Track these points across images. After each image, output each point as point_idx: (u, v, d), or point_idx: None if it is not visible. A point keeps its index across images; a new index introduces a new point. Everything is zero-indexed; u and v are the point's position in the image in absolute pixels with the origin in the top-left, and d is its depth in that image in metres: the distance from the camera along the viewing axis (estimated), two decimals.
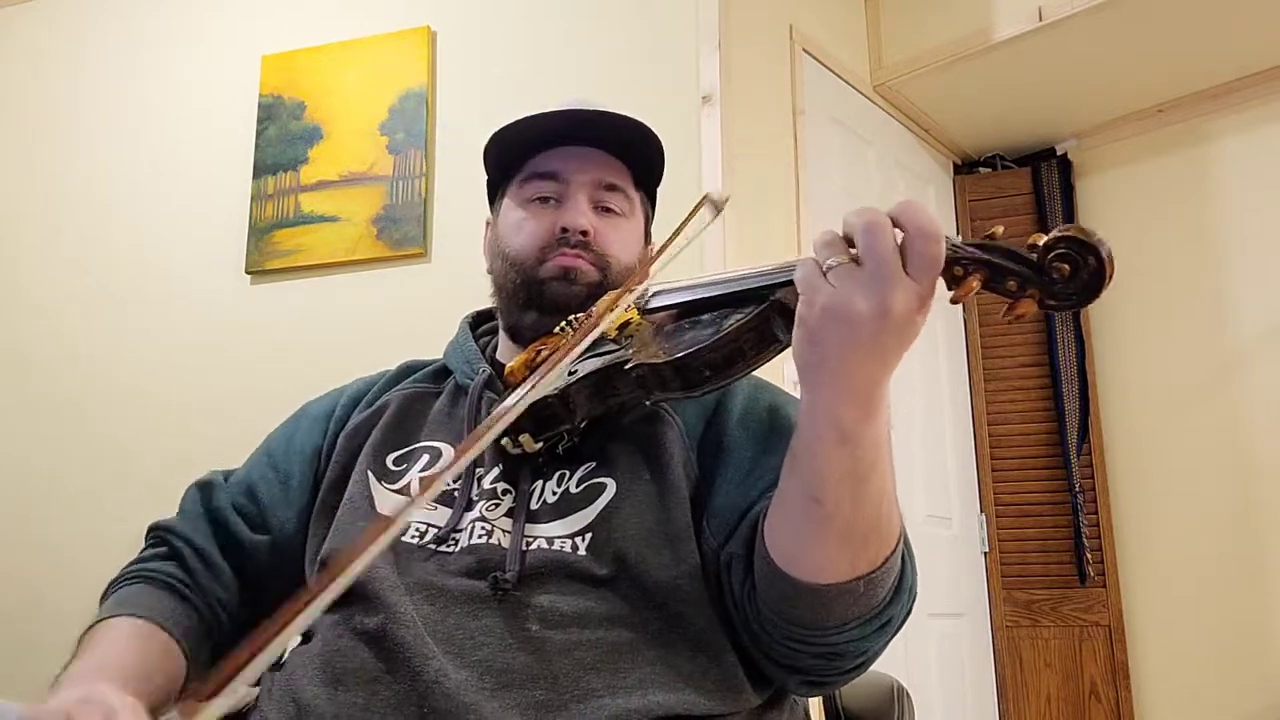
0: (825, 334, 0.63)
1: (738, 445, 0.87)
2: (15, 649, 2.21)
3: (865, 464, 0.68)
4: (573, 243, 0.94)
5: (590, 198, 0.97)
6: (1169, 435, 2.70)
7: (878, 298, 0.61)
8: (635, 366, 0.79)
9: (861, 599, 0.72)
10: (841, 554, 0.70)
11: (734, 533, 0.81)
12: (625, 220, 0.99)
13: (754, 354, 0.75)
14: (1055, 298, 0.61)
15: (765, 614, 0.76)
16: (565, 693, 0.73)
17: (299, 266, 2.20)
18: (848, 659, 0.76)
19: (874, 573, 0.71)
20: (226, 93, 2.38)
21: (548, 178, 0.97)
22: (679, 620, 0.79)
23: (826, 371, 0.65)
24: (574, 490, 0.86)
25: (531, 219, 0.97)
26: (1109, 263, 0.59)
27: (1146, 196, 2.85)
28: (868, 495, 0.69)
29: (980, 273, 0.63)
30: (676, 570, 0.80)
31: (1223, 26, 2.48)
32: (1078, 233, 0.60)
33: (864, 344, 0.63)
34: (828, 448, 0.67)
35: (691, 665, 0.78)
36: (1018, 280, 0.62)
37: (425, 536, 0.85)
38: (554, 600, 0.78)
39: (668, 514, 0.83)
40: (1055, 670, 2.72)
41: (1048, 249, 0.61)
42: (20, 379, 2.40)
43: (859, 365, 0.64)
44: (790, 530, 0.72)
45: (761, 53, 2.24)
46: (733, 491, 0.84)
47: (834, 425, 0.66)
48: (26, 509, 2.30)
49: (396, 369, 1.06)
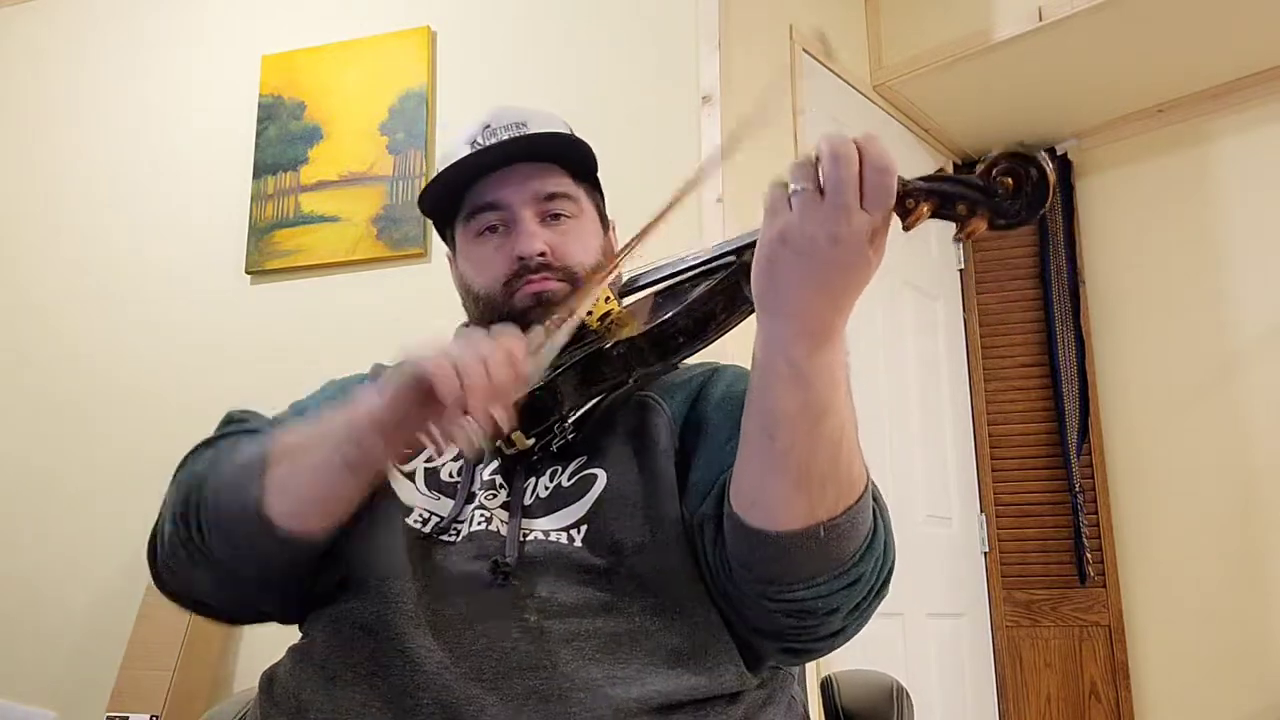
0: (778, 259, 0.65)
1: (715, 426, 0.88)
2: (15, 649, 2.21)
3: (819, 403, 0.69)
4: (534, 267, 0.93)
5: (536, 214, 0.96)
6: (1169, 435, 2.70)
7: (830, 225, 0.63)
8: (615, 345, 0.82)
9: (824, 548, 0.72)
10: (798, 497, 0.71)
11: (706, 496, 0.82)
12: (576, 222, 0.99)
13: (724, 316, 0.78)
14: (1004, 215, 0.63)
15: (735, 571, 0.77)
16: (565, 682, 0.74)
17: (299, 266, 2.20)
18: (818, 617, 0.76)
19: (834, 520, 0.71)
20: (226, 93, 2.39)
21: (488, 209, 0.97)
22: (676, 606, 0.80)
23: (779, 300, 0.67)
24: (566, 484, 0.87)
25: (488, 254, 0.97)
26: (1050, 171, 0.62)
27: (1146, 196, 2.85)
28: (822, 436, 0.69)
29: (930, 200, 0.65)
30: (669, 555, 0.81)
31: (1223, 26, 2.48)
32: (1016, 148, 0.63)
33: (815, 273, 0.64)
34: (780, 382, 0.68)
35: (689, 645, 0.78)
36: (966, 203, 0.64)
37: (427, 525, 0.86)
38: (552, 591, 0.79)
39: (658, 501, 0.84)
40: (1055, 670, 2.72)
41: (990, 166, 0.64)
42: (20, 379, 2.40)
43: (810, 296, 0.66)
44: (747, 470, 0.74)
45: (761, 53, 2.25)
46: (706, 465, 0.85)
47: (786, 359, 0.67)
48: (26, 509, 2.30)
49: (370, 370, 1.05)
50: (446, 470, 0.91)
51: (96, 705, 1.95)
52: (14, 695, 2.17)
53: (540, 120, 1.01)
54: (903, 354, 2.60)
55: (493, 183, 0.97)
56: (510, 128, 0.99)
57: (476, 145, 0.98)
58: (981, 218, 0.64)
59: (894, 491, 2.37)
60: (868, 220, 0.63)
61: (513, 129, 0.99)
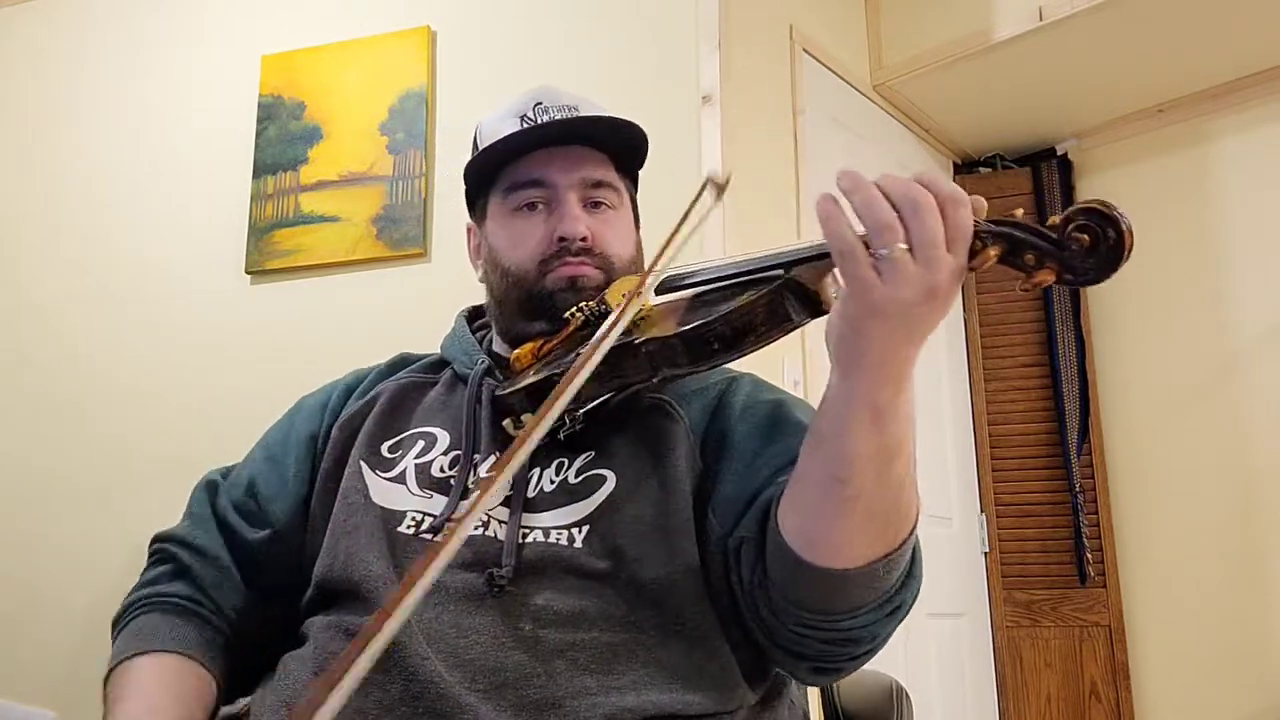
0: (871, 328, 0.62)
1: (741, 437, 0.86)
2: (15, 649, 2.21)
3: (894, 443, 0.67)
4: (574, 250, 0.92)
5: (580, 198, 0.95)
6: (1169, 435, 2.70)
7: (927, 285, 0.59)
8: (645, 341, 0.78)
9: (877, 583, 0.71)
10: (861, 535, 0.69)
11: (743, 517, 0.80)
12: (616, 213, 0.97)
13: (765, 329, 0.74)
14: (1073, 271, 0.60)
15: (776, 600, 0.75)
16: (560, 692, 0.73)
17: (299, 266, 2.20)
18: (860, 645, 0.76)
19: (890, 555, 0.70)
20: (226, 92, 2.38)
21: (533, 185, 0.95)
22: (676, 618, 0.78)
23: (869, 359, 0.64)
24: (573, 480, 0.85)
25: (526, 230, 0.95)
26: (1128, 235, 0.59)
27: (1146, 196, 2.85)
28: (892, 475, 0.68)
29: (999, 244, 0.62)
30: (673, 566, 0.79)
31: (1223, 26, 2.48)
32: (1099, 205, 0.60)
33: (907, 330, 0.62)
34: (861, 428, 0.65)
35: (687, 663, 0.77)
36: (1036, 253, 0.61)
37: (421, 526, 0.84)
38: (549, 599, 0.78)
39: (668, 509, 0.82)
40: (1055, 670, 2.72)
41: (1068, 220, 0.60)
42: (20, 379, 2.40)
43: (899, 347, 0.63)
44: (810, 513, 0.71)
45: (761, 53, 2.24)
46: (738, 479, 0.83)
47: (869, 406, 0.65)
48: (26, 509, 2.30)
49: (390, 360, 1.06)
50: (437, 465, 0.89)
51: (96, 705, 1.95)
52: (14, 695, 2.17)
53: (589, 108, 0.99)
54: None
55: (540, 159, 0.95)
56: (562, 109, 0.97)
57: (527, 120, 0.96)
58: (1049, 270, 0.61)
59: None
60: (954, 264, 0.60)
61: (565, 110, 0.97)
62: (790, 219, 2.19)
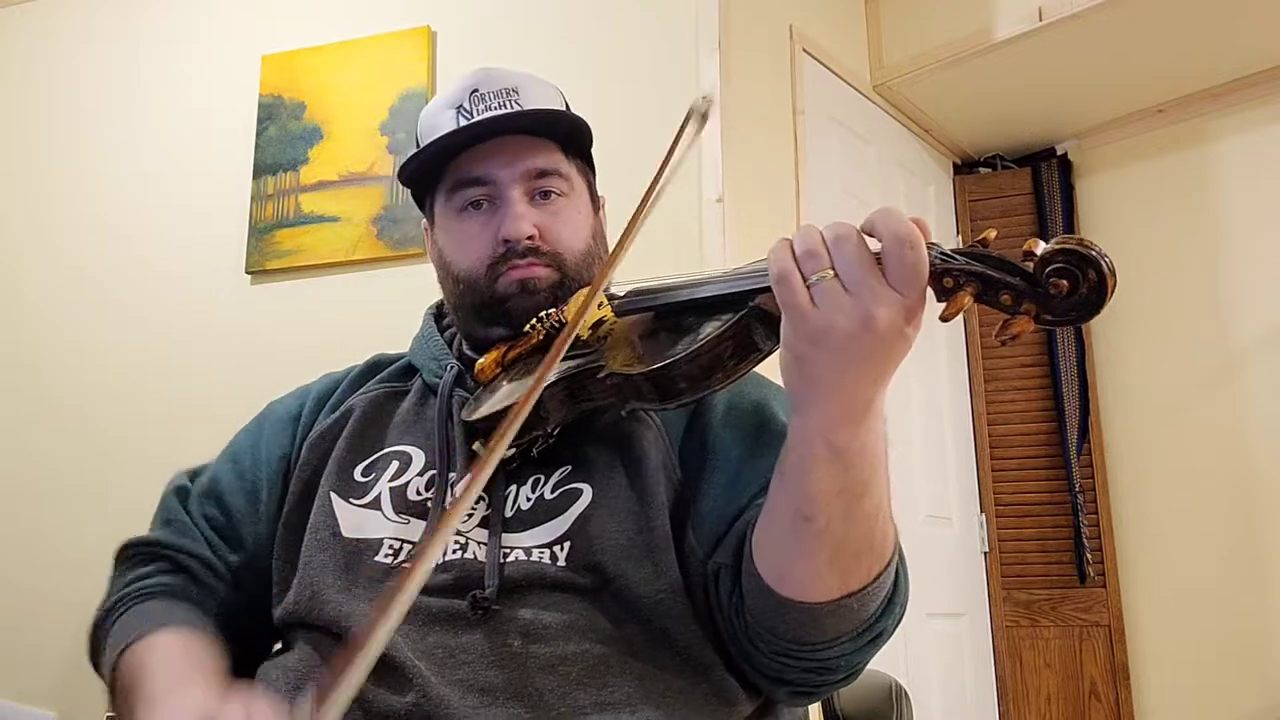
0: (813, 357, 0.61)
1: (724, 446, 0.83)
2: (15, 649, 2.21)
3: (859, 482, 0.65)
4: (520, 251, 0.88)
5: (525, 191, 0.90)
6: (1169, 435, 2.70)
7: (859, 314, 0.58)
8: (609, 375, 0.75)
9: (853, 615, 0.70)
10: (832, 572, 0.68)
11: (721, 542, 0.78)
12: (567, 201, 0.92)
13: (733, 364, 0.71)
14: (1053, 313, 0.57)
15: (754, 628, 0.74)
16: (551, 710, 0.71)
17: (299, 266, 2.20)
18: (838, 672, 0.75)
19: (865, 589, 0.69)
20: (226, 92, 2.38)
21: (474, 184, 0.90)
22: (664, 636, 0.76)
23: (818, 393, 0.62)
24: (549, 496, 0.82)
25: (471, 232, 0.90)
26: (1110, 277, 0.55)
27: (1146, 196, 2.85)
28: (861, 513, 0.66)
29: (972, 285, 0.59)
30: (658, 584, 0.77)
31: (1223, 26, 2.48)
32: (1076, 245, 0.56)
33: (853, 362, 0.60)
34: (820, 466, 0.64)
35: (681, 680, 0.75)
36: (1012, 294, 0.58)
37: (399, 555, 0.81)
38: (536, 614, 0.75)
39: (647, 523, 0.79)
40: (1055, 670, 2.72)
41: (1045, 262, 0.57)
42: (20, 379, 2.40)
43: (850, 384, 0.61)
44: (779, 547, 0.70)
45: (761, 53, 2.24)
46: (720, 497, 0.80)
47: (826, 445, 0.63)
48: (26, 509, 2.30)
49: (363, 366, 1.02)
50: (413, 488, 0.85)
51: (96, 705, 1.95)
52: (14, 695, 2.17)
53: (533, 89, 0.93)
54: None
55: (480, 155, 0.90)
56: (500, 94, 0.91)
57: (463, 112, 0.90)
58: (1027, 314, 0.57)
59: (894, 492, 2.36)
60: (899, 301, 0.58)
61: (503, 96, 0.91)
62: (790, 219, 2.19)
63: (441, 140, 0.90)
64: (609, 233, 1.00)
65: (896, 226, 0.58)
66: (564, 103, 0.98)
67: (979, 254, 0.59)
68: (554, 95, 0.96)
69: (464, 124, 0.90)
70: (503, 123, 0.89)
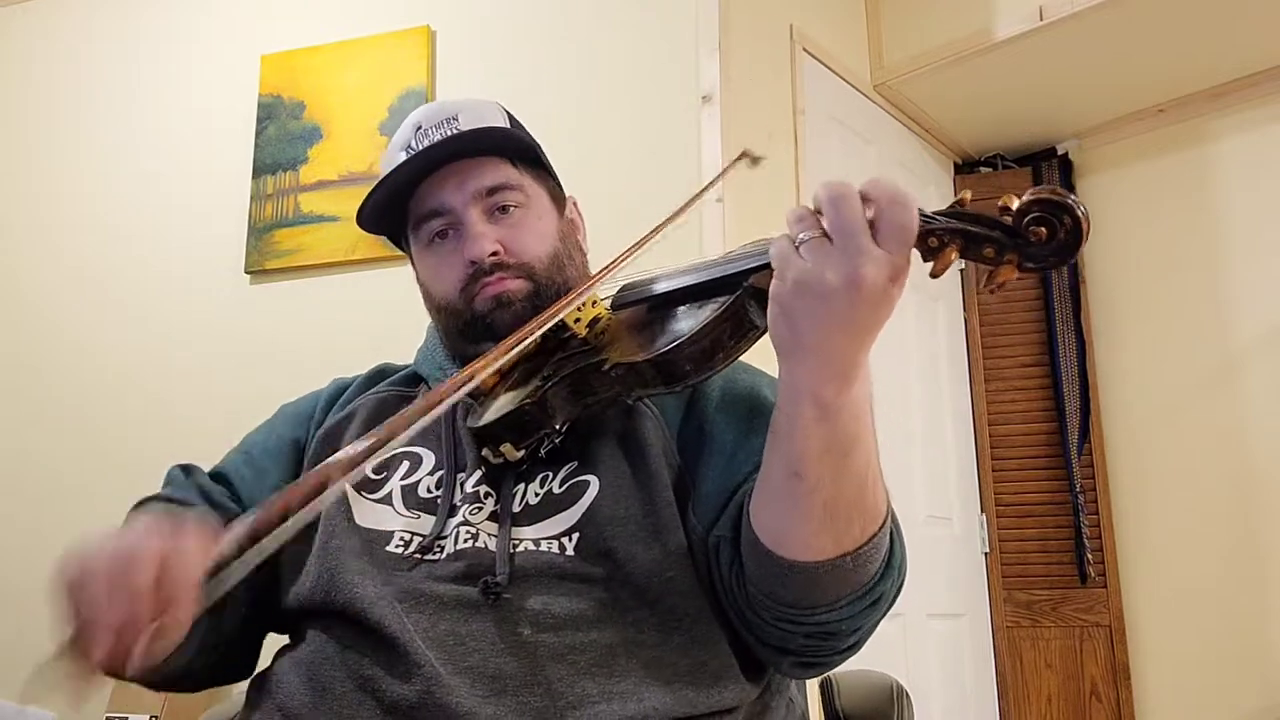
0: (799, 310, 0.63)
1: (719, 430, 0.86)
2: (15, 649, 2.21)
3: (846, 439, 0.68)
4: (488, 269, 0.90)
5: (483, 211, 0.92)
6: (1169, 435, 2.70)
7: (848, 269, 0.60)
8: (613, 366, 0.78)
9: (850, 576, 0.72)
10: (826, 530, 0.70)
11: (720, 515, 0.81)
12: (526, 211, 0.95)
13: (733, 343, 0.75)
14: (1034, 260, 0.61)
15: (755, 595, 0.76)
16: (560, 699, 0.72)
17: (299, 266, 2.20)
18: (840, 638, 0.77)
19: (861, 549, 0.71)
20: (226, 92, 2.38)
21: (433, 216, 0.94)
22: (672, 614, 0.78)
23: (802, 348, 0.65)
24: (557, 490, 0.84)
25: (442, 261, 0.94)
26: (1085, 220, 0.59)
27: (1147, 196, 2.85)
28: (850, 470, 0.69)
29: (956, 242, 0.63)
30: (665, 563, 0.79)
31: (1223, 26, 2.48)
32: (1049, 194, 0.60)
33: (838, 318, 0.62)
34: (807, 423, 0.67)
35: (687, 660, 0.77)
36: (994, 246, 0.62)
37: (410, 546, 0.83)
38: (546, 603, 0.77)
39: (652, 506, 0.82)
40: (1056, 670, 2.72)
41: (1022, 213, 0.60)
42: (20, 379, 2.40)
43: (835, 340, 0.64)
44: (775, 508, 0.72)
45: (762, 53, 2.24)
46: (717, 476, 0.83)
47: (813, 401, 0.66)
48: (26, 509, 2.30)
49: (370, 372, 1.04)
50: (424, 486, 0.88)
51: (96, 705, 1.95)
52: (13, 695, 2.16)
53: (473, 111, 0.96)
54: (904, 354, 2.60)
55: (432, 187, 0.93)
56: (441, 126, 0.94)
57: (410, 150, 0.94)
58: (1010, 263, 0.61)
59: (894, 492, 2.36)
60: (888, 259, 0.61)
61: (444, 126, 0.94)
62: None
63: (387, 180, 0.93)
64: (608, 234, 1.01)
65: (888, 187, 0.61)
66: (505, 118, 1.00)
67: (959, 213, 0.63)
68: (495, 112, 0.99)
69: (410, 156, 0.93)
70: (439, 150, 0.92)
